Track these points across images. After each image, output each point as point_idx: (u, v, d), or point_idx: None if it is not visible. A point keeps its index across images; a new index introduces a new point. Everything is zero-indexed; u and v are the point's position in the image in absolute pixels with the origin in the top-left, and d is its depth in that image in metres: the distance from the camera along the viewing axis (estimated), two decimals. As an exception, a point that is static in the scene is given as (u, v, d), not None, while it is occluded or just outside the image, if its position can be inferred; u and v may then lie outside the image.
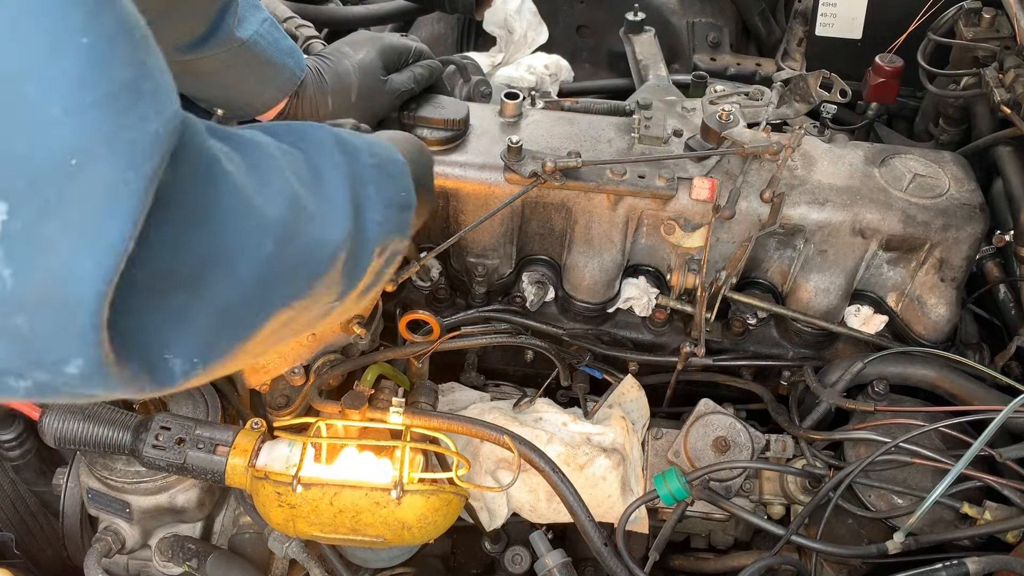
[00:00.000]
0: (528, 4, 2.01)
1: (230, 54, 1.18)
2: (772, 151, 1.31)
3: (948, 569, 1.08)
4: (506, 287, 1.52)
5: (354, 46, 1.35)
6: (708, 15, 2.18)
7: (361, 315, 1.27)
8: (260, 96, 1.26)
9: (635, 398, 1.42)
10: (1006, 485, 1.17)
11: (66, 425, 1.12)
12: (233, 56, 1.19)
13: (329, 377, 1.28)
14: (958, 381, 1.34)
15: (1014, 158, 1.56)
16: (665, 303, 1.46)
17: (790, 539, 1.19)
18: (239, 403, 1.30)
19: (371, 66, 1.32)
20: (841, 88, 1.37)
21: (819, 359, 1.49)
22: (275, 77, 1.25)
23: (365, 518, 1.11)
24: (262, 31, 1.21)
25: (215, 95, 1.26)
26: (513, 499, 1.34)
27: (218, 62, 1.18)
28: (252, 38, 1.19)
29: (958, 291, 1.42)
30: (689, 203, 1.38)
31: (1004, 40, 1.64)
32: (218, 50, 1.17)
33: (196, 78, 1.22)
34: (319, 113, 1.30)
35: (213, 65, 1.19)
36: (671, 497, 1.21)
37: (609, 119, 1.51)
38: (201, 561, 1.21)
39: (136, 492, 1.21)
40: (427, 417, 1.19)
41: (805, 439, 1.33)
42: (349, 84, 1.30)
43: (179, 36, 1.14)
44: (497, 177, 1.38)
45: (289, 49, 1.26)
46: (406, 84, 1.37)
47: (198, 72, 1.20)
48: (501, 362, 1.63)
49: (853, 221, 1.37)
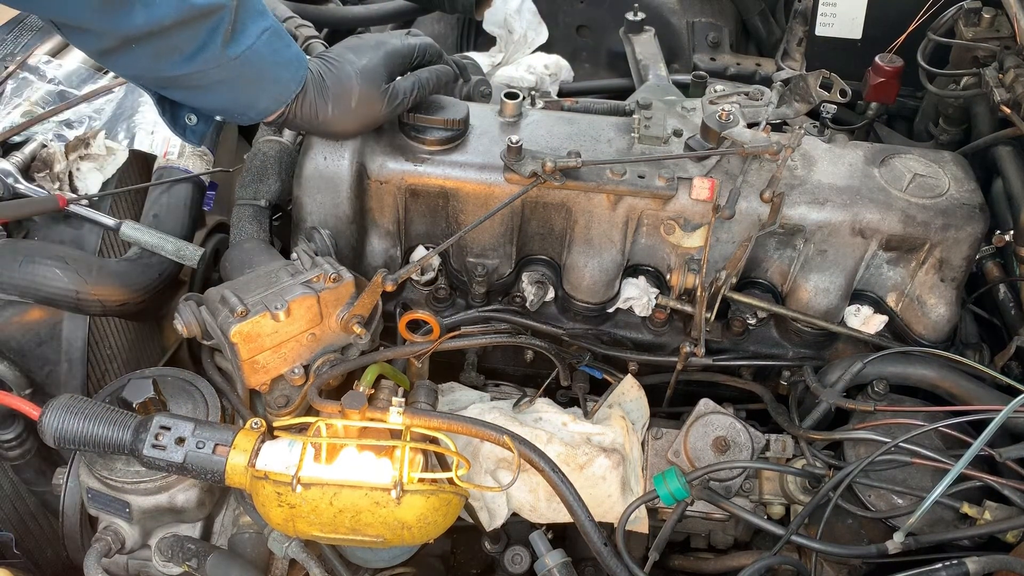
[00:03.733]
0: (528, 4, 2.01)
1: (220, 70, 1.18)
2: (772, 151, 1.31)
3: (948, 569, 1.08)
4: (506, 287, 1.52)
5: (357, 51, 1.33)
6: (708, 15, 2.18)
7: (361, 315, 1.28)
8: (254, 106, 1.26)
9: (635, 398, 1.42)
10: (1006, 485, 1.17)
11: (66, 425, 1.12)
12: (222, 71, 1.18)
13: (329, 377, 1.28)
14: (958, 381, 1.34)
15: (1014, 158, 1.57)
16: (665, 303, 1.46)
17: (790, 539, 1.19)
18: (239, 403, 1.30)
19: (373, 72, 1.31)
20: (841, 88, 1.37)
21: (819, 359, 1.49)
22: (269, 90, 1.25)
23: (365, 518, 1.11)
24: (258, 45, 1.19)
25: (207, 104, 1.26)
26: (513, 499, 1.34)
27: (207, 78, 1.18)
28: (244, 54, 1.18)
29: (958, 291, 1.42)
30: (689, 203, 1.38)
31: (1004, 40, 1.64)
32: (207, 66, 1.17)
33: (187, 90, 1.22)
34: (318, 118, 1.30)
35: (202, 80, 1.19)
36: (671, 497, 1.21)
37: (609, 119, 1.52)
38: (201, 561, 1.21)
39: (136, 492, 1.21)
40: (427, 417, 1.18)
41: (805, 439, 1.33)
42: (350, 90, 1.30)
43: (168, 53, 1.14)
44: (497, 177, 1.38)
45: (288, 60, 1.25)
46: (409, 90, 1.35)
47: (189, 85, 1.20)
48: (501, 362, 1.63)
49: (853, 221, 1.37)
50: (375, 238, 1.49)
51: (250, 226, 1.46)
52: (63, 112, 1.58)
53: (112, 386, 1.30)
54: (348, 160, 1.39)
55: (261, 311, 1.18)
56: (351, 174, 1.40)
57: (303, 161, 1.41)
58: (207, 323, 1.23)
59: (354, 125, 1.34)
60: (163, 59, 1.15)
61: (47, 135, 1.54)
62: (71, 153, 1.52)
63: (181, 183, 1.59)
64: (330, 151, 1.40)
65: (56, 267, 1.37)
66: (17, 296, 1.39)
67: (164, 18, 1.09)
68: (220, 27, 1.14)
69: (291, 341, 1.25)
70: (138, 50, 1.13)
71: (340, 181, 1.40)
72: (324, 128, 1.33)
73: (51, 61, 1.68)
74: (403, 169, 1.41)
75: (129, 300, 1.43)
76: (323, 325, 1.26)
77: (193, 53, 1.14)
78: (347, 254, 1.45)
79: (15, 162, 1.47)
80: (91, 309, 1.41)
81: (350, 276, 1.26)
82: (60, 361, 1.45)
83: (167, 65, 1.16)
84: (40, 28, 1.73)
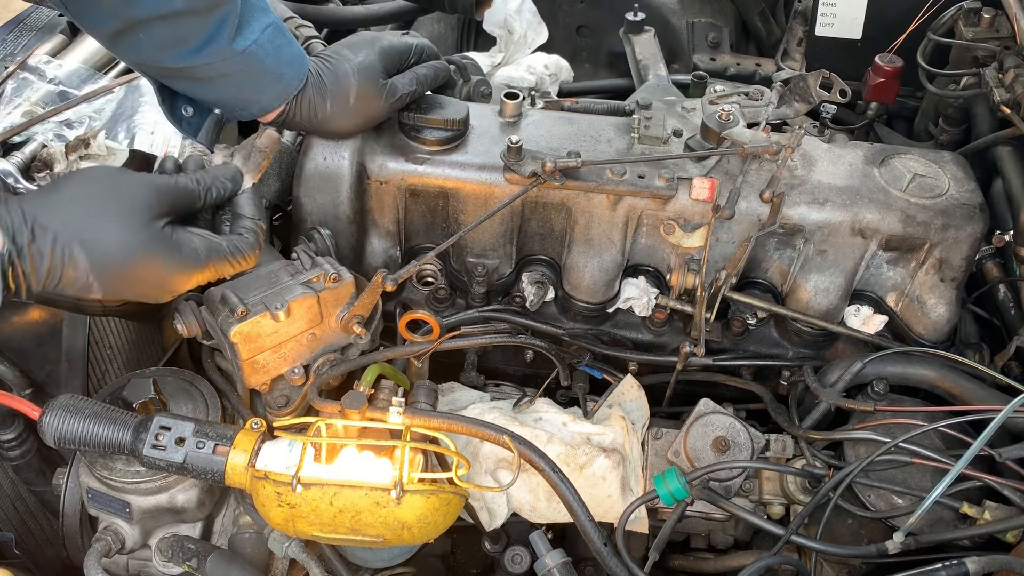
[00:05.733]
0: (528, 4, 2.01)
1: (225, 63, 1.18)
2: (772, 151, 1.31)
3: (948, 569, 1.08)
4: (506, 287, 1.52)
5: (354, 48, 1.34)
6: (708, 15, 2.18)
7: (361, 315, 1.28)
8: (256, 103, 1.26)
9: (635, 398, 1.42)
10: (1006, 485, 1.17)
11: (66, 425, 1.12)
12: (228, 65, 1.19)
13: (329, 377, 1.28)
14: (958, 381, 1.34)
15: (1014, 158, 1.56)
16: (665, 303, 1.46)
17: (790, 539, 1.19)
18: (239, 403, 1.30)
19: (370, 69, 1.31)
20: (841, 88, 1.37)
21: (819, 359, 1.49)
22: (271, 87, 1.25)
23: (365, 518, 1.11)
24: (262, 40, 1.20)
25: (210, 98, 1.26)
26: (513, 499, 1.34)
27: (212, 70, 1.18)
28: (250, 48, 1.19)
29: (958, 291, 1.42)
30: (689, 203, 1.38)
31: (1004, 40, 1.64)
32: (213, 59, 1.17)
33: (191, 82, 1.22)
34: (317, 116, 1.30)
35: (207, 73, 1.19)
36: (671, 497, 1.21)
37: (609, 119, 1.52)
38: (201, 561, 1.21)
39: (136, 492, 1.21)
40: (427, 417, 1.19)
41: (805, 439, 1.33)
42: (348, 87, 1.30)
43: (174, 43, 1.14)
44: (497, 177, 1.38)
45: (290, 58, 1.25)
46: (407, 86, 1.36)
47: (193, 77, 1.20)
48: (501, 362, 1.63)
49: (853, 221, 1.37)
50: (375, 238, 1.49)
51: (250, 226, 1.46)
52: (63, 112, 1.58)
53: (112, 386, 1.30)
54: (348, 160, 1.39)
55: (261, 311, 1.18)
56: (351, 174, 1.40)
57: (303, 161, 1.41)
58: (207, 323, 1.23)
59: (353, 122, 1.34)
60: (169, 49, 1.15)
61: (47, 135, 1.54)
62: (71, 153, 1.52)
63: (181, 183, 1.59)
64: (330, 151, 1.40)
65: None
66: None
67: (174, 4, 1.09)
68: (228, 19, 1.15)
69: (291, 341, 1.25)
70: (144, 37, 1.12)
71: (340, 181, 1.40)
72: (323, 126, 1.33)
73: (51, 61, 1.67)
74: (403, 169, 1.41)
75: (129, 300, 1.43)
76: (323, 325, 1.26)
77: (200, 45, 1.14)
78: (347, 254, 1.45)
79: (15, 162, 1.47)
80: (91, 309, 1.41)
81: (350, 276, 1.26)
82: (60, 361, 1.45)
83: (173, 56, 1.15)
84: (40, 28, 1.73)
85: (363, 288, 1.27)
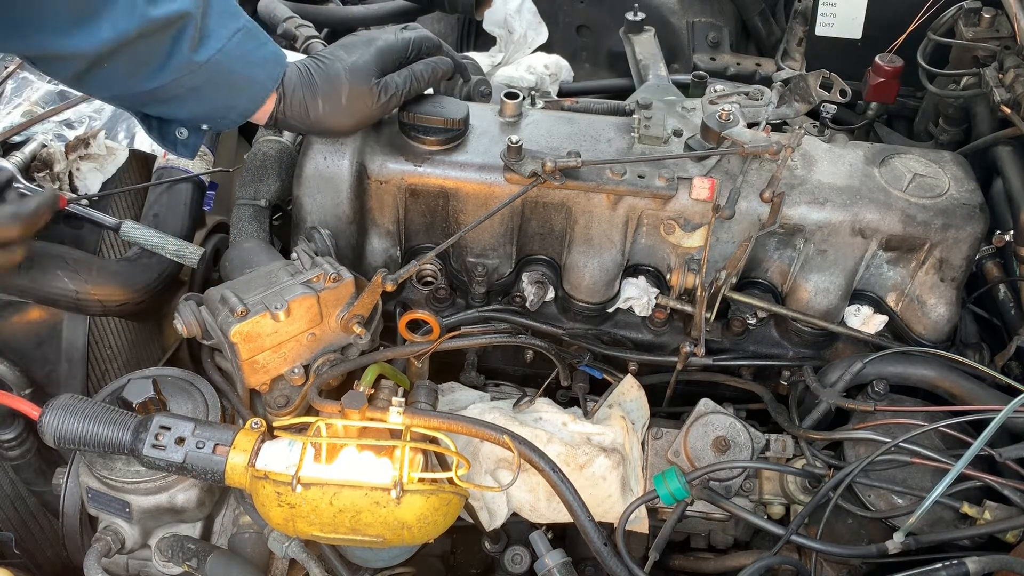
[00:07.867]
0: (528, 4, 2.01)
1: (192, 76, 1.19)
2: (772, 151, 1.31)
3: (948, 569, 1.08)
4: (506, 287, 1.52)
5: (348, 48, 1.34)
6: (708, 15, 2.18)
7: (361, 315, 1.28)
8: (233, 109, 1.27)
9: (635, 398, 1.42)
10: (1006, 485, 1.17)
11: (66, 425, 1.12)
12: (195, 78, 1.19)
13: (329, 377, 1.28)
14: (958, 381, 1.34)
15: (1014, 158, 1.56)
16: (665, 303, 1.46)
17: (790, 539, 1.19)
18: (239, 403, 1.30)
19: (363, 68, 1.31)
20: (841, 88, 1.37)
21: (819, 359, 1.49)
22: (244, 91, 1.25)
23: (365, 518, 1.11)
24: (229, 47, 1.20)
25: (189, 114, 1.27)
26: (513, 499, 1.34)
27: (180, 87, 1.19)
28: (214, 58, 1.19)
29: (958, 291, 1.42)
30: (689, 203, 1.38)
31: (1004, 40, 1.64)
32: (179, 74, 1.17)
33: (165, 103, 1.23)
34: (309, 116, 1.30)
35: (176, 90, 1.19)
36: (671, 497, 1.21)
37: (609, 119, 1.52)
38: (201, 561, 1.21)
39: (136, 492, 1.21)
40: (427, 417, 1.18)
41: (805, 439, 1.33)
42: (340, 86, 1.30)
43: (139, 67, 1.15)
44: (497, 177, 1.38)
45: (263, 59, 1.26)
46: (402, 85, 1.35)
47: (167, 97, 1.21)
48: (501, 362, 1.63)
49: (853, 221, 1.37)
50: (375, 238, 1.49)
51: (250, 226, 1.46)
52: (63, 112, 1.58)
53: (112, 386, 1.30)
54: (348, 160, 1.39)
55: (261, 311, 1.18)
56: (351, 174, 1.40)
57: (303, 161, 1.41)
58: (207, 323, 1.23)
59: (347, 121, 1.34)
60: (135, 74, 1.16)
61: (47, 135, 1.55)
62: (71, 153, 1.52)
63: (181, 183, 1.59)
64: (330, 151, 1.40)
65: (56, 267, 1.37)
66: (17, 296, 1.39)
67: (128, 31, 1.10)
68: (184, 34, 1.15)
69: (291, 341, 1.25)
70: (110, 69, 1.13)
71: (340, 181, 1.40)
72: (317, 126, 1.33)
73: (51, 61, 1.67)
74: (403, 169, 1.41)
75: (129, 300, 1.43)
76: (323, 325, 1.26)
77: (162, 64, 1.16)
78: (347, 254, 1.45)
79: (15, 162, 1.47)
80: (91, 309, 1.41)
81: (350, 276, 1.26)
82: (60, 361, 1.45)
83: (140, 80, 1.17)
84: (40, 28, 1.73)
85: (363, 288, 1.27)
